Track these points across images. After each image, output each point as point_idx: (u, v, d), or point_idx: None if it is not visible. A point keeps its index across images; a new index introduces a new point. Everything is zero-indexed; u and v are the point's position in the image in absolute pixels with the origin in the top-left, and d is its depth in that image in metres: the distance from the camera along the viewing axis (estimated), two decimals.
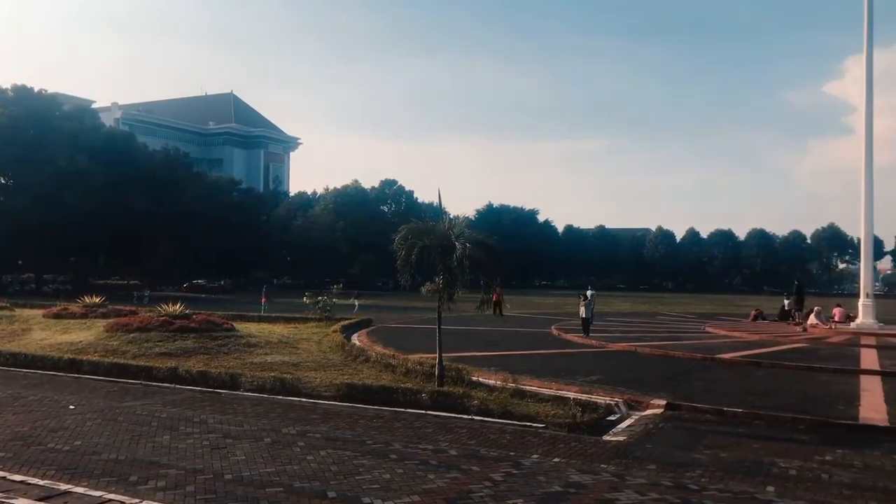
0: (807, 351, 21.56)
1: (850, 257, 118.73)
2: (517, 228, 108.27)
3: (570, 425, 10.59)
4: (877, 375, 16.65)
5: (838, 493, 7.63)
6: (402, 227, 14.14)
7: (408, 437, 9.74)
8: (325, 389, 12.91)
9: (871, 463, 9.03)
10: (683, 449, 9.55)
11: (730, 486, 7.81)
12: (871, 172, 29.23)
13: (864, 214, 29.36)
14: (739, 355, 19.68)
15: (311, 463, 8.20)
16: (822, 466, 8.78)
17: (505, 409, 11.42)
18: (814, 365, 18.06)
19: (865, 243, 30.47)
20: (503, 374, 14.19)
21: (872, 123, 29.67)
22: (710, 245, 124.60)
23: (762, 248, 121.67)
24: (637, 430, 10.75)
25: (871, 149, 29.32)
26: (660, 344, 22.44)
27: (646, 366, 17.98)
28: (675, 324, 34.72)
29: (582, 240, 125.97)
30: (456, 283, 13.51)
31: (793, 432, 10.88)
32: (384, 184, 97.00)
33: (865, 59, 29.76)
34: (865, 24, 29.50)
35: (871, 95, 29.65)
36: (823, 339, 24.77)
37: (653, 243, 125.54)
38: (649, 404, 12.58)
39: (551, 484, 7.64)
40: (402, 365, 15.55)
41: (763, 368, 17.85)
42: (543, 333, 26.58)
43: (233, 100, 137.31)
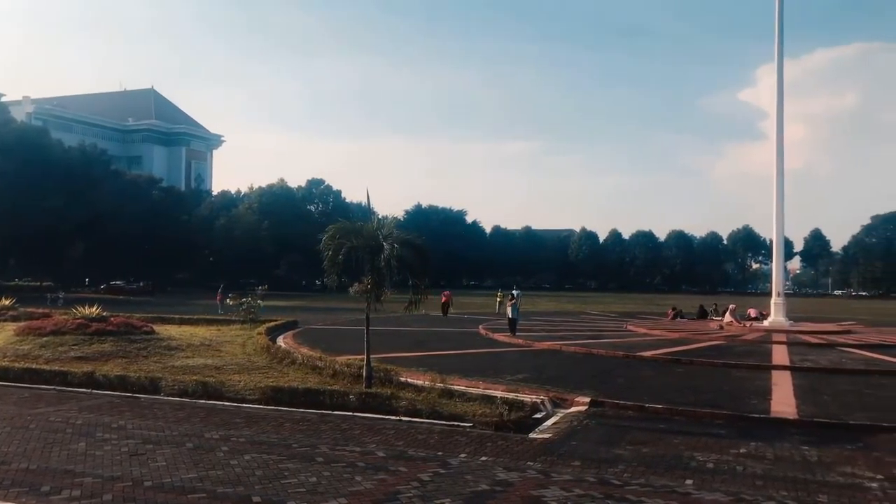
0: (723, 348, 22.36)
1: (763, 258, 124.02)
2: (446, 229, 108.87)
3: (497, 424, 10.69)
4: (787, 371, 17.41)
5: (752, 485, 7.94)
6: (330, 226, 13.98)
7: (335, 440, 9.64)
8: (249, 393, 12.65)
9: (782, 454, 9.43)
10: (607, 445, 9.76)
11: (651, 480, 8.03)
12: (782, 177, 30.60)
13: (776, 217, 30.71)
14: (660, 353, 20.27)
15: (235, 468, 8.03)
16: (737, 459, 9.11)
17: (433, 410, 11.44)
18: (729, 361, 18.74)
19: (777, 244, 31.86)
20: (432, 375, 14.20)
21: (783, 130, 31.10)
22: (631, 246, 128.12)
23: (681, 248, 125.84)
24: (562, 427, 10.93)
25: (781, 154, 30.69)
26: (584, 342, 22.89)
27: (570, 364, 18.31)
28: (598, 322, 35.54)
29: (509, 240, 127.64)
30: (384, 284, 13.45)
31: (710, 427, 11.25)
32: (311, 183, 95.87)
33: (777, 69, 31.15)
34: (776, 35, 30.86)
35: (782, 103, 31.06)
36: (738, 337, 25.73)
37: (577, 244, 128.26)
38: (574, 402, 12.81)
39: (478, 483, 7.69)
40: (330, 367, 15.39)
41: (682, 365, 18.42)
42: (471, 333, 26.76)
43: (153, 96, 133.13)
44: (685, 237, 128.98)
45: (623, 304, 61.02)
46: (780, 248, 31.85)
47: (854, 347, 22.89)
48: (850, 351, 21.98)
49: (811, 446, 9.91)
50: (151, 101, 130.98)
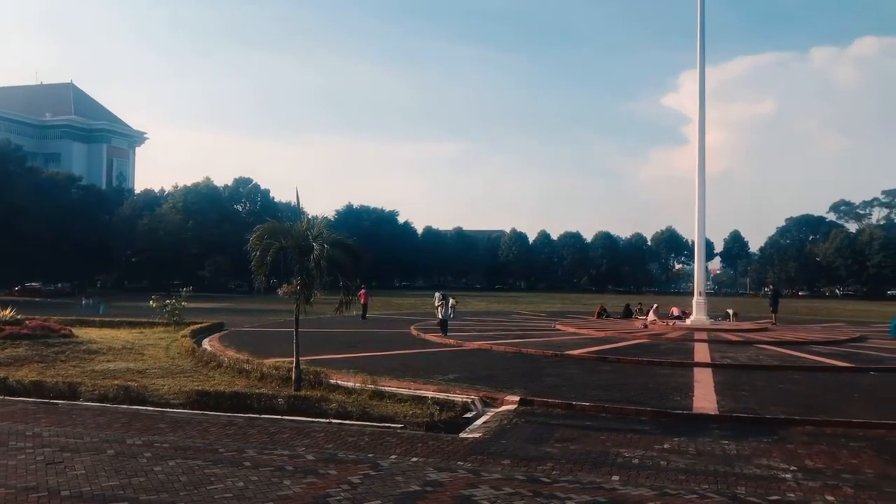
0: (647, 346, 22.97)
1: (686, 258, 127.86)
2: (377, 229, 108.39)
3: (428, 424, 10.70)
4: (708, 368, 18.01)
5: (675, 479, 8.18)
6: (258, 226, 13.74)
7: (263, 444, 9.48)
8: (173, 397, 12.32)
9: (704, 449, 9.75)
10: (536, 443, 9.90)
11: (579, 476, 8.18)
12: (704, 180, 31.64)
13: (698, 219, 31.72)
14: (587, 351, 20.67)
15: (159, 474, 7.80)
16: (662, 454, 9.37)
17: (364, 411, 11.38)
18: (654, 359, 19.25)
19: (699, 246, 32.90)
20: (362, 376, 14.13)
21: (704, 135, 32.14)
22: (560, 247, 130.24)
23: (608, 249, 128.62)
24: (492, 426, 11.02)
25: (703, 158, 31.73)
26: (514, 342, 23.15)
27: (501, 363, 18.49)
28: (527, 322, 35.99)
29: (440, 241, 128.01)
30: (314, 285, 13.30)
31: (635, 423, 11.54)
32: (238, 182, 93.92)
33: (699, 75, 32.19)
34: (699, 43, 31.90)
35: (704, 109, 32.12)
36: (662, 335, 26.46)
37: (507, 245, 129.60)
38: (504, 401, 12.94)
39: (409, 483, 7.69)
40: (257, 370, 15.12)
41: (608, 363, 18.83)
42: (403, 334, 26.72)
43: (72, 91, 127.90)
44: (611, 238, 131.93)
45: (552, 303, 62.00)
46: (701, 249, 32.90)
47: (770, 345, 23.85)
48: (767, 348, 22.89)
49: (730, 440, 10.28)
50: (70, 96, 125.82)
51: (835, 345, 24.82)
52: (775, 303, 38.23)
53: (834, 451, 9.74)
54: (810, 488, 7.90)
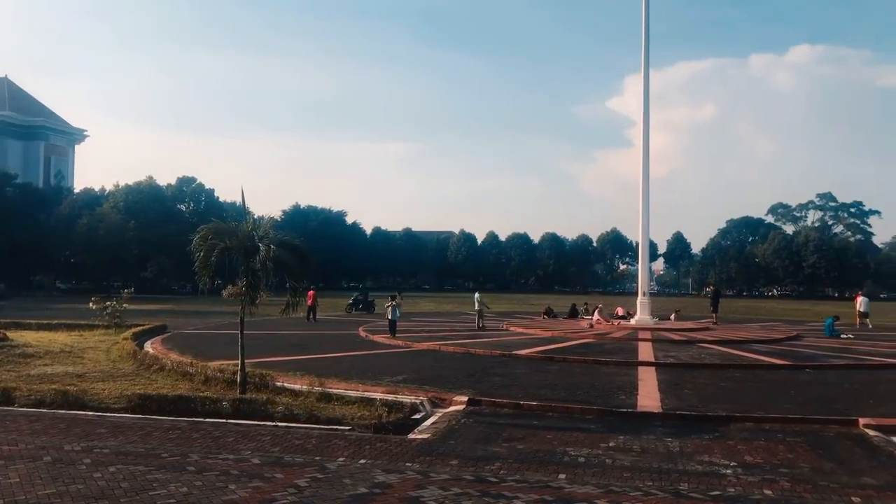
0: (593, 346, 23.29)
1: (630, 259, 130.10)
2: (325, 230, 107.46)
3: (376, 426, 10.66)
4: (652, 366, 18.35)
5: (620, 476, 8.32)
6: (202, 227, 13.49)
7: (207, 448, 9.30)
8: (114, 401, 12.00)
9: (648, 447, 9.94)
10: (484, 443, 9.95)
11: (526, 476, 8.25)
12: (648, 182, 32.24)
13: (642, 220, 32.30)
14: (534, 351, 20.86)
15: (99, 481, 7.58)
16: (607, 452, 9.52)
17: (311, 414, 11.26)
18: (599, 358, 19.53)
19: (643, 247, 33.50)
20: (309, 378, 14.00)
21: (649, 138, 32.77)
22: (508, 247, 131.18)
23: (554, 250, 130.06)
24: (441, 426, 11.03)
25: (647, 161, 32.33)
26: (462, 342, 23.22)
27: (449, 364, 18.52)
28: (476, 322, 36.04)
29: (389, 242, 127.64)
30: (260, 286, 13.12)
31: (581, 422, 11.69)
32: (182, 181, 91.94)
33: (643, 79, 32.78)
34: (643, 48, 32.48)
35: (648, 112, 32.72)
36: (607, 335, 26.87)
37: (456, 245, 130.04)
38: (452, 401, 12.97)
39: (357, 486, 7.64)
40: (202, 373, 14.82)
41: (555, 363, 19.04)
42: (351, 335, 26.55)
43: (7, 85, 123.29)
44: (558, 239, 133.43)
45: (499, 304, 62.33)
46: (645, 250, 33.50)
47: (712, 344, 24.44)
48: (709, 347, 23.46)
49: (674, 437, 10.50)
50: (5, 91, 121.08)
51: (773, 343, 25.58)
52: (716, 303, 39.17)
53: (772, 447, 10.03)
54: (749, 483, 8.12)
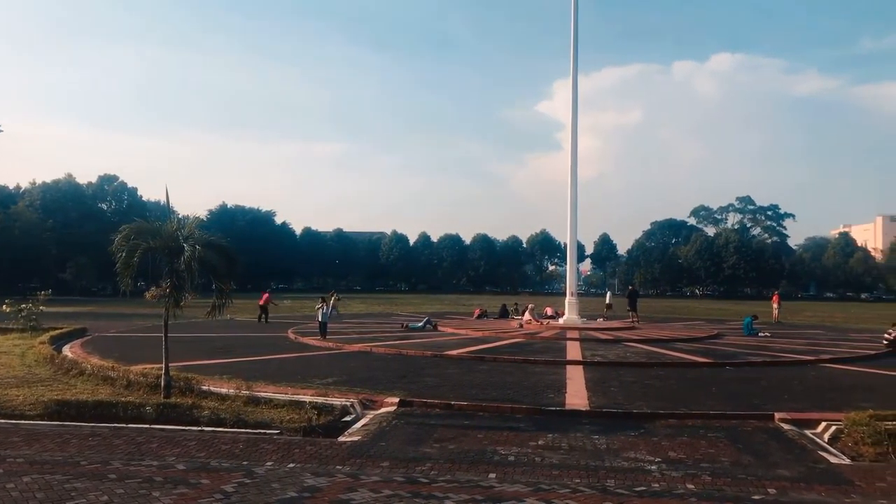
0: (523, 345, 23.56)
1: (559, 260, 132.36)
2: (253, 230, 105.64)
3: (305, 429, 10.52)
4: (579, 365, 18.68)
5: (549, 474, 8.43)
6: (124, 226, 13.04)
7: (129, 455, 9.00)
8: (29, 408, 11.49)
9: (576, 444, 10.11)
10: (415, 444, 9.94)
11: (457, 476, 8.28)
12: (576, 185, 32.83)
13: (570, 222, 32.86)
14: (465, 351, 20.97)
15: (12, 491, 7.24)
16: (536, 451, 9.64)
17: (238, 418, 11.03)
18: (529, 358, 19.77)
19: (571, 248, 34.11)
20: (237, 382, 13.71)
21: (577, 141, 33.36)
22: (440, 248, 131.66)
23: (485, 251, 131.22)
24: (371, 428, 10.97)
25: (575, 164, 32.92)
26: (394, 343, 23.15)
27: (381, 365, 18.43)
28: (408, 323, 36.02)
29: (320, 242, 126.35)
30: (185, 288, 12.78)
31: (511, 421, 11.80)
32: (103, 179, 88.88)
33: (572, 83, 33.34)
34: (572, 53, 33.07)
35: (576, 116, 33.31)
36: (537, 334, 27.21)
37: (388, 246, 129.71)
38: (383, 402, 12.91)
39: (286, 490, 7.52)
40: (124, 377, 14.33)
41: (486, 363, 19.17)
42: (280, 337, 26.13)
43: None
44: (489, 240, 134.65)
45: (431, 304, 62.49)
46: (573, 251, 34.11)
47: (637, 342, 25.06)
48: (634, 345, 24.04)
49: (601, 435, 10.71)
50: None
51: (695, 342, 26.41)
52: (633, 302, 40.09)
53: (694, 443, 10.34)
54: (673, 478, 8.35)
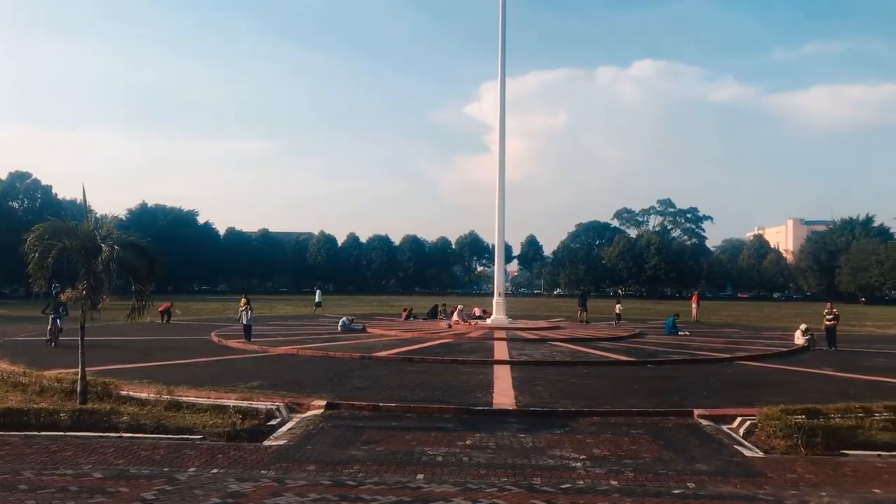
0: (451, 346, 23.65)
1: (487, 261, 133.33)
2: (175, 230, 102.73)
3: (229, 434, 10.29)
4: (507, 365, 18.89)
5: (476, 474, 8.50)
6: (37, 226, 12.49)
7: (42, 464, 8.62)
8: None
9: (503, 443, 10.22)
10: (342, 446, 9.85)
11: (385, 477, 8.25)
12: (504, 187, 33.18)
13: (498, 224, 33.19)
14: (394, 352, 20.92)
15: None
16: (464, 450, 9.70)
17: (159, 424, 10.70)
18: (457, 358, 19.88)
19: (499, 249, 34.45)
20: (157, 386, 13.31)
21: (505, 144, 33.74)
22: (369, 249, 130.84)
23: (414, 252, 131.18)
24: (298, 432, 10.82)
25: (503, 166, 33.28)
26: (321, 345, 22.90)
27: (308, 367, 18.21)
28: (336, 325, 35.68)
29: (245, 243, 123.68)
30: (102, 290, 12.33)
31: (440, 421, 11.84)
32: (14, 176, 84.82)
33: (500, 86, 33.67)
34: (500, 55, 33.39)
35: (504, 119, 33.68)
36: (465, 335, 27.37)
37: (315, 247, 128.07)
38: (310, 405, 12.76)
39: (208, 496, 7.34)
40: (36, 382, 13.72)
41: (414, 364, 19.18)
42: (204, 340, 25.51)
43: None
44: (418, 241, 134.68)
45: (360, 305, 62.08)
46: (501, 252, 34.46)
47: (562, 341, 25.51)
48: (559, 345, 24.46)
49: (527, 433, 10.86)
50: None
51: (618, 341, 27.07)
52: (584, 302, 41.53)
53: (617, 439, 10.60)
54: (597, 475, 8.54)
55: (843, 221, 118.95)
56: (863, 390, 15.20)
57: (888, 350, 25.71)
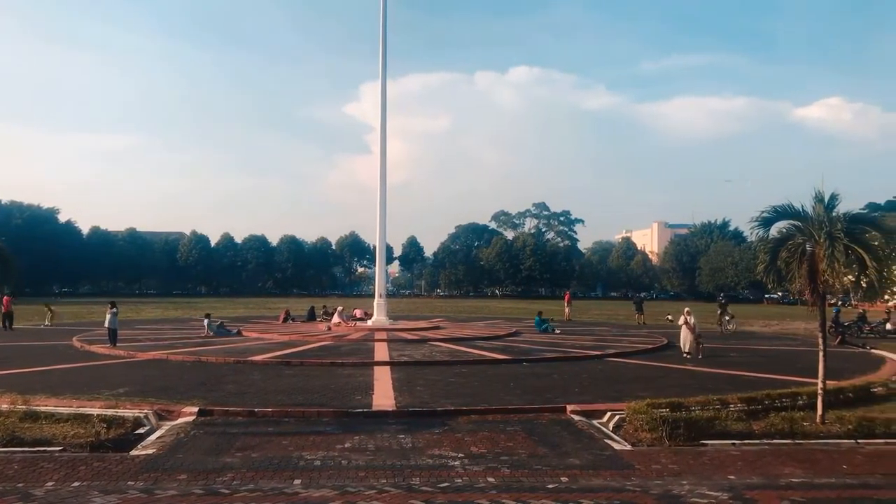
0: (331, 348, 23.40)
1: (368, 262, 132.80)
2: (32, 229, 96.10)
3: (92, 444, 9.73)
4: (387, 366, 18.89)
5: (355, 477, 8.45)
6: None
7: None
8: None
9: (382, 445, 10.21)
10: (215, 454, 9.53)
11: (260, 484, 8.05)
12: (385, 188, 33.19)
13: (379, 224, 33.18)
14: (271, 356, 20.46)
15: None
16: (343, 453, 9.61)
17: (13, 436, 9.96)
18: (336, 360, 19.68)
19: (380, 250, 34.44)
20: (11, 396, 12.40)
21: (386, 145, 33.76)
22: (244, 250, 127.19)
23: (293, 253, 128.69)
24: (168, 440, 10.38)
25: (384, 167, 33.28)
26: (193, 350, 22.09)
27: (178, 373, 17.50)
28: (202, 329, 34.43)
29: (110, 243, 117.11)
30: None
31: (318, 425, 11.68)
32: None
33: (381, 88, 33.68)
34: (381, 57, 33.38)
35: (385, 120, 33.69)
36: (345, 336, 27.16)
37: (187, 247, 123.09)
38: (181, 412, 12.27)
39: None
40: None
41: (292, 367, 18.83)
42: (64, 346, 23.97)
43: None
44: (297, 242, 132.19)
45: (235, 308, 60.27)
46: (382, 253, 34.46)
47: (441, 341, 25.79)
48: (439, 345, 24.71)
49: (406, 434, 10.90)
50: None
51: (495, 340, 27.67)
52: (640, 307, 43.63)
53: (494, 437, 10.82)
54: (475, 472, 8.69)
55: (703, 225, 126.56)
56: (720, 384, 16.26)
57: (743, 346, 27.63)
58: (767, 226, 12.21)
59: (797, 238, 11.72)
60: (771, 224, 12.20)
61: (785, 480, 8.47)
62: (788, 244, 11.83)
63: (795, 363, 20.52)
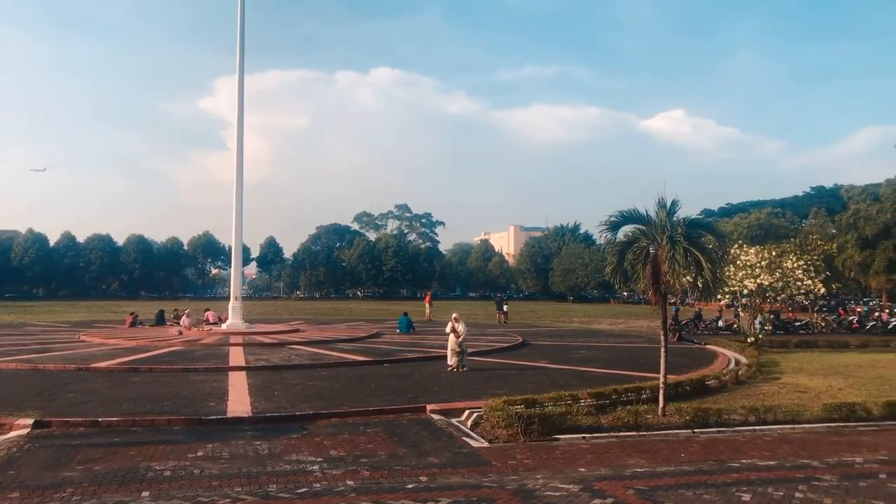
0: (182, 353, 22.43)
1: (223, 263, 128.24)
2: None
3: None
4: (243, 371, 18.35)
5: (208, 486, 8.11)
6: None
7: None
8: None
9: (237, 452, 9.88)
10: (53, 468, 8.86)
11: (104, 498, 7.56)
12: (242, 186, 32.26)
13: (236, 224, 32.17)
14: (116, 363, 19.36)
15: None
16: (195, 463, 9.21)
17: None
18: (188, 366, 18.90)
19: (236, 251, 33.35)
20: None
21: (243, 142, 32.79)
22: (87, 250, 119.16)
23: (141, 253, 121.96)
24: None
25: (241, 165, 32.35)
26: (28, 357, 20.51)
27: (11, 382, 16.13)
28: (46, 334, 32.00)
29: None
30: None
31: (168, 434, 11.15)
32: None
33: (238, 83, 32.66)
34: (238, 52, 32.41)
35: (242, 117, 32.71)
36: (198, 341, 26.12)
37: (22, 247, 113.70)
38: (13, 425, 11.33)
39: None
40: None
41: (140, 374, 17.90)
42: None
43: None
44: (145, 242, 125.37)
45: (76, 312, 56.38)
46: (238, 254, 33.39)
47: (301, 344, 25.36)
48: (298, 348, 24.29)
49: (263, 440, 10.62)
50: None
51: (356, 341, 27.55)
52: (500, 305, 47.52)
53: (354, 439, 10.76)
54: (334, 476, 8.58)
55: (556, 228, 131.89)
56: (571, 379, 17.01)
57: (591, 343, 29.06)
58: (615, 230, 12.88)
59: (642, 241, 12.48)
60: (618, 228, 12.88)
61: (630, 470, 8.98)
62: (634, 247, 12.56)
63: (639, 359, 21.84)
